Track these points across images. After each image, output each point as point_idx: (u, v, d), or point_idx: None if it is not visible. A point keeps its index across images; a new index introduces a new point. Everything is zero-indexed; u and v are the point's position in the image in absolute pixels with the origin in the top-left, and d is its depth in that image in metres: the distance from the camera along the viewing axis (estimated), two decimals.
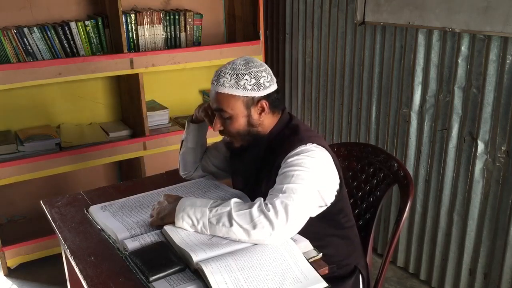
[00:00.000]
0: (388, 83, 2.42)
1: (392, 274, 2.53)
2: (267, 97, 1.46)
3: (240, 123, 1.46)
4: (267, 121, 1.50)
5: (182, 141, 1.76)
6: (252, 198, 1.35)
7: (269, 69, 1.50)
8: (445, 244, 2.30)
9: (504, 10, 1.83)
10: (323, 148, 1.44)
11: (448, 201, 2.25)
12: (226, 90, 1.43)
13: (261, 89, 1.44)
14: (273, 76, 1.50)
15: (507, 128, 1.95)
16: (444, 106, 2.18)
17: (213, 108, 1.50)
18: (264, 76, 1.45)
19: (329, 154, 1.46)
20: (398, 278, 2.51)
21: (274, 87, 1.48)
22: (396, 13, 2.26)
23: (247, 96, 1.43)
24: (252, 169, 1.55)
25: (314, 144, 1.42)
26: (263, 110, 1.46)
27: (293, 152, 1.40)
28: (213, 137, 1.73)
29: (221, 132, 1.53)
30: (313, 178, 1.36)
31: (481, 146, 2.05)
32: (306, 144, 1.42)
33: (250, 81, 1.42)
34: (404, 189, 1.64)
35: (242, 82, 1.42)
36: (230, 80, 1.42)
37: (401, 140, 2.41)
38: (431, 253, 2.39)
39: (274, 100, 1.49)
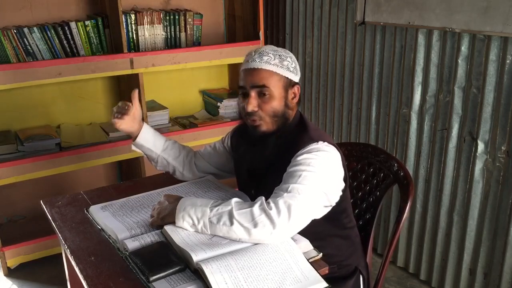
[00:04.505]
0: (388, 83, 2.42)
1: (392, 274, 2.53)
2: (298, 84, 1.51)
3: (278, 102, 1.45)
4: (294, 109, 1.52)
5: (152, 161, 1.76)
6: (257, 194, 1.34)
7: None
8: (445, 244, 2.30)
9: (504, 10, 1.83)
10: (333, 147, 1.44)
11: (448, 201, 2.25)
12: (270, 67, 1.43)
13: (297, 74, 1.49)
14: None
15: (507, 128, 1.95)
16: (444, 106, 2.18)
17: (249, 87, 1.44)
18: (297, 64, 1.50)
19: (338, 153, 1.45)
20: (398, 278, 2.51)
21: None
22: (396, 13, 2.26)
23: (287, 77, 1.45)
24: (264, 160, 1.50)
25: (325, 143, 1.42)
26: (295, 95, 1.49)
27: (303, 150, 1.40)
28: (212, 137, 1.73)
29: (250, 115, 1.45)
30: (320, 179, 1.36)
31: (481, 146, 2.05)
32: (317, 142, 1.41)
33: (292, 63, 1.46)
34: (404, 189, 1.64)
35: (285, 63, 1.45)
36: (274, 59, 1.43)
37: (401, 140, 2.41)
38: (431, 253, 2.39)
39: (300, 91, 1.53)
